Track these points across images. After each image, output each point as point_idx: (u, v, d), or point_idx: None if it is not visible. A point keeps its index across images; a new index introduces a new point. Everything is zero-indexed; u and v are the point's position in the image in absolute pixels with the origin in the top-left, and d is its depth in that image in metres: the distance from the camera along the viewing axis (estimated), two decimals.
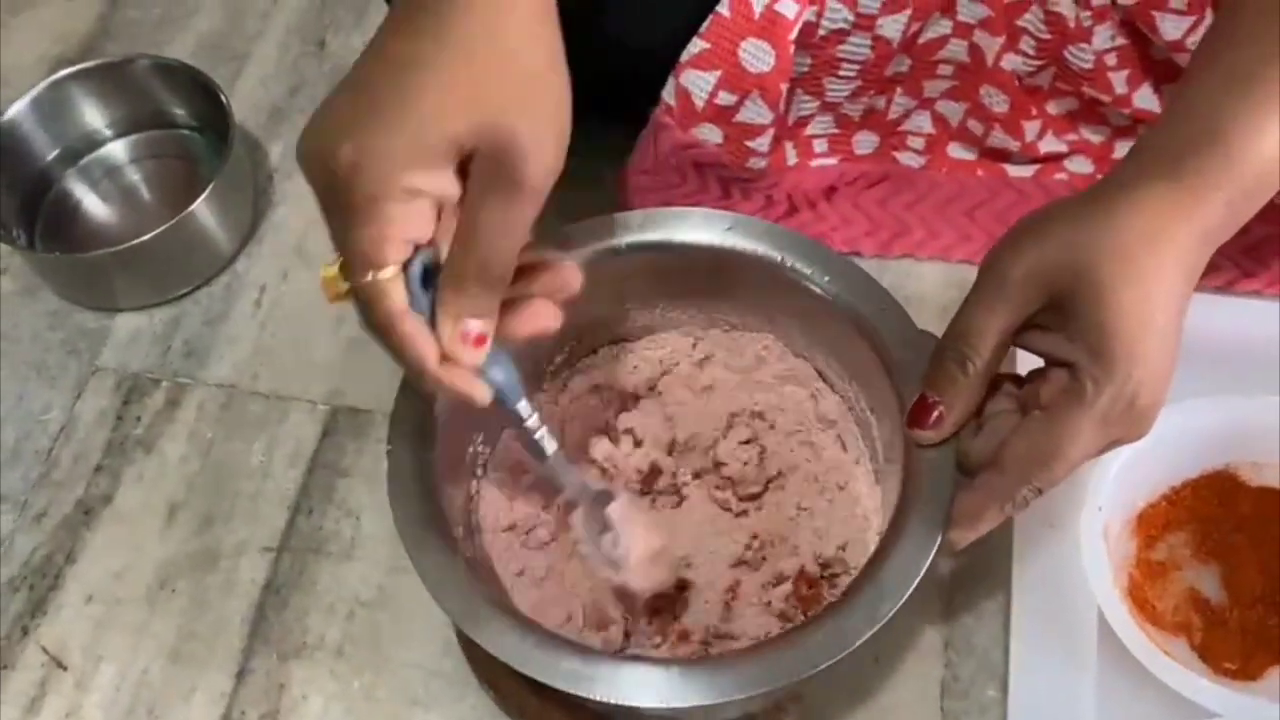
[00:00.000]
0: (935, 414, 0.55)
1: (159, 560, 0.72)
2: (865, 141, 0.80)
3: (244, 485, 0.75)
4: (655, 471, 0.67)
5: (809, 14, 0.69)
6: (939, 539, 0.54)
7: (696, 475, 0.67)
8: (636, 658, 0.60)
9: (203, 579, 0.72)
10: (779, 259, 0.63)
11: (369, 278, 0.47)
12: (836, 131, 0.80)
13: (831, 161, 0.81)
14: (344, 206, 0.47)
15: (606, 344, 0.70)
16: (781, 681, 0.52)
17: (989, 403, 0.56)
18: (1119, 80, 0.74)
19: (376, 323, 0.48)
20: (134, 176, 0.88)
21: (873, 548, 0.58)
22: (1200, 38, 0.61)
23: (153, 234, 0.77)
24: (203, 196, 0.79)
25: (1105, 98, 0.75)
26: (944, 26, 0.73)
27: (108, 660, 0.69)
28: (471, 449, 0.65)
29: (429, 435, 0.59)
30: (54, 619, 0.71)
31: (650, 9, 0.71)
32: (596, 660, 0.53)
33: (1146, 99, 0.75)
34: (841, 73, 0.74)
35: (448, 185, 0.47)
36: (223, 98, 0.82)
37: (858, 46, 0.72)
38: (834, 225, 0.79)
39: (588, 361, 0.70)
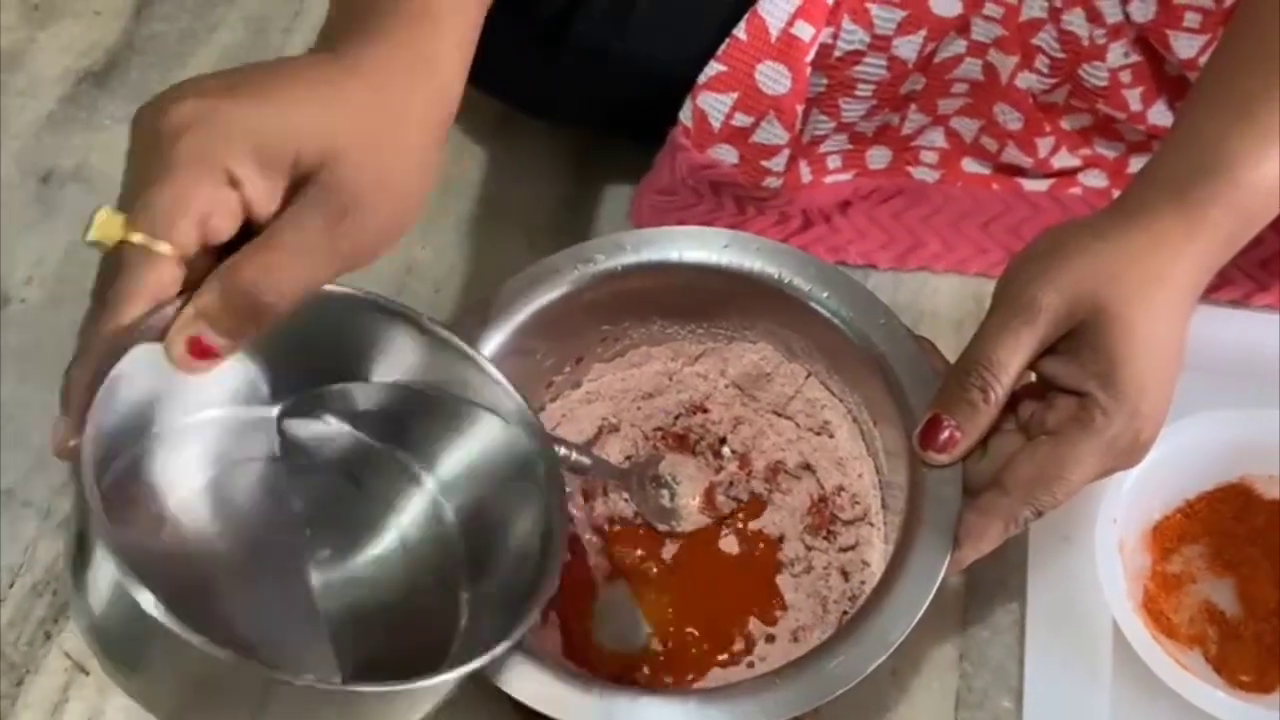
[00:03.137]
0: (948, 435, 0.55)
1: None
2: (878, 156, 0.81)
3: None
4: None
5: (825, 35, 0.70)
6: (947, 559, 0.55)
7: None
8: (653, 691, 0.60)
9: None
10: (775, 274, 0.63)
11: (154, 244, 0.43)
12: (850, 148, 0.80)
13: (845, 176, 0.81)
14: (158, 161, 0.43)
15: (605, 360, 0.70)
16: (798, 709, 0.53)
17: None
18: (1134, 97, 0.74)
19: (118, 288, 0.43)
20: None
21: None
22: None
23: None
24: None
25: (1120, 115, 0.75)
26: (959, 46, 0.74)
27: None
28: None
29: None
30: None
31: (670, 32, 0.72)
32: (614, 694, 0.54)
33: (1161, 115, 0.75)
34: (857, 92, 0.75)
35: (266, 198, 0.44)
36: None
37: (873, 67, 0.73)
38: (849, 238, 0.80)
39: (586, 377, 0.70)
